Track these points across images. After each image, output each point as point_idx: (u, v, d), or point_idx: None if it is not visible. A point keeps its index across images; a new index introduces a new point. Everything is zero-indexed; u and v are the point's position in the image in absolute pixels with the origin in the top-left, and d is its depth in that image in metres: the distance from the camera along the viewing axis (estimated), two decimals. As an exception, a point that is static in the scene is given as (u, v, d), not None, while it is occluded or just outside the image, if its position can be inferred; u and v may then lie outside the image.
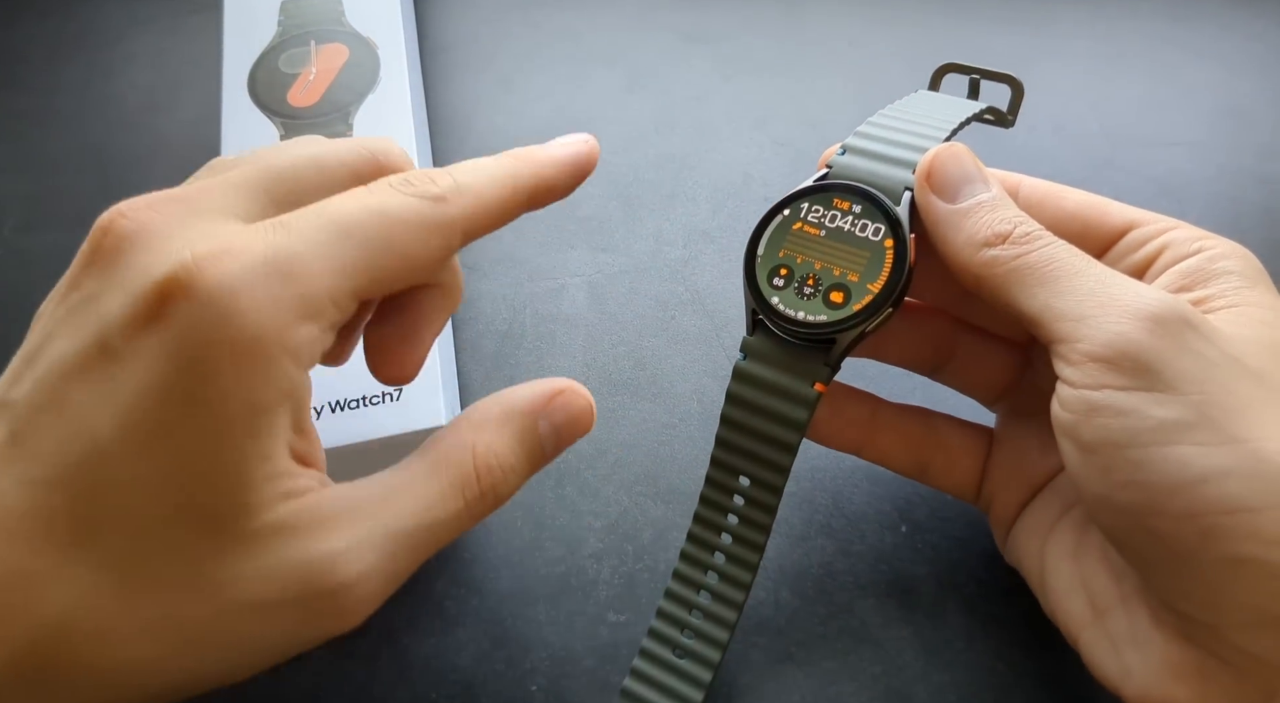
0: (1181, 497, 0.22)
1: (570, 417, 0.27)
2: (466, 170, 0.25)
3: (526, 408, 0.26)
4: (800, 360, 0.28)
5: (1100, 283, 0.24)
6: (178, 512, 0.21)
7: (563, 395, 0.27)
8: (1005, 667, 0.31)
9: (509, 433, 0.26)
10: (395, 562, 0.23)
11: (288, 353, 0.21)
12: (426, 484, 0.24)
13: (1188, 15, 0.49)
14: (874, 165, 0.28)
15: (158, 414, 0.20)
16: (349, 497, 0.23)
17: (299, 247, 0.22)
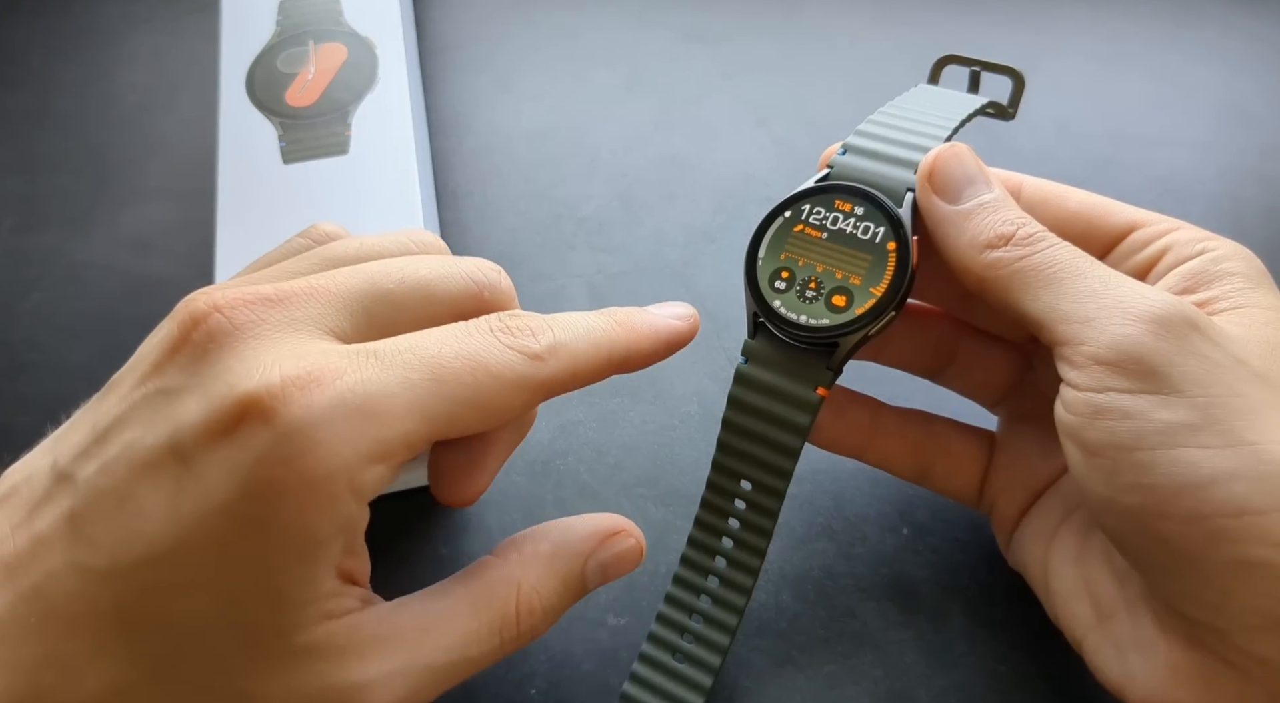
0: (1187, 499, 0.22)
1: (618, 558, 0.27)
2: (566, 328, 0.25)
3: (579, 550, 0.26)
4: (802, 364, 0.27)
5: (1104, 285, 0.24)
6: (220, 624, 0.21)
7: (615, 538, 0.27)
8: (1007, 669, 0.31)
9: (556, 574, 0.26)
10: (422, 694, 0.23)
11: (353, 491, 0.21)
12: (467, 620, 0.24)
13: (1190, 15, 0.49)
14: (875, 166, 0.28)
15: (217, 531, 0.20)
16: (388, 623, 0.23)
17: (387, 385, 0.21)
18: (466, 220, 0.43)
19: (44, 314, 0.41)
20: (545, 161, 0.45)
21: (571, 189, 0.44)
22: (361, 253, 0.26)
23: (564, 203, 0.43)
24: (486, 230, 0.43)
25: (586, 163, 0.45)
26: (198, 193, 0.43)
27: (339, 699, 0.22)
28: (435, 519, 0.35)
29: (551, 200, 0.43)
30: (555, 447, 0.36)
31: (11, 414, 0.38)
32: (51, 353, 0.40)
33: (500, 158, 0.45)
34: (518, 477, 0.36)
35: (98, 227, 0.43)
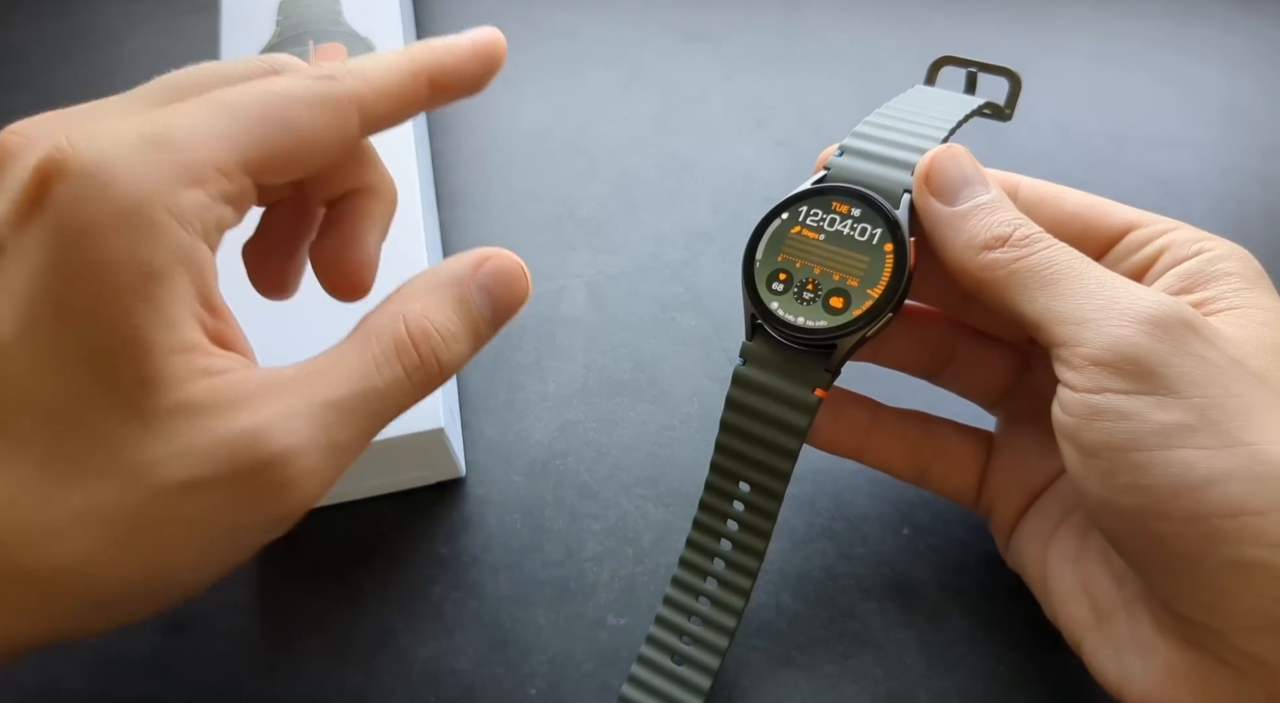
0: (1184, 500, 0.22)
1: (502, 281, 0.26)
2: (363, 57, 0.25)
3: (454, 277, 0.26)
4: (800, 366, 0.27)
5: (1100, 286, 0.24)
6: (88, 393, 0.20)
7: (490, 260, 0.26)
8: (1007, 670, 0.31)
9: (441, 301, 0.25)
10: (335, 431, 0.23)
11: (174, 216, 0.21)
12: (359, 356, 0.24)
13: (1191, 15, 0.49)
14: (872, 167, 0.28)
15: (49, 293, 0.20)
16: (275, 375, 0.23)
17: (178, 121, 0.22)
18: (466, 220, 0.43)
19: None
20: (545, 161, 0.45)
21: (571, 189, 0.44)
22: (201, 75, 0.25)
23: (564, 203, 0.43)
24: (486, 230, 0.43)
25: (586, 163, 0.45)
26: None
27: (240, 445, 0.21)
28: (434, 519, 0.35)
29: (551, 200, 0.43)
30: (555, 447, 0.36)
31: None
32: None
33: (500, 158, 0.45)
34: (517, 477, 0.36)
35: (98, 227, 0.43)
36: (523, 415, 0.37)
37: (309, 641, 0.32)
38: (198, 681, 0.31)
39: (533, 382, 0.38)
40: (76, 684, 0.31)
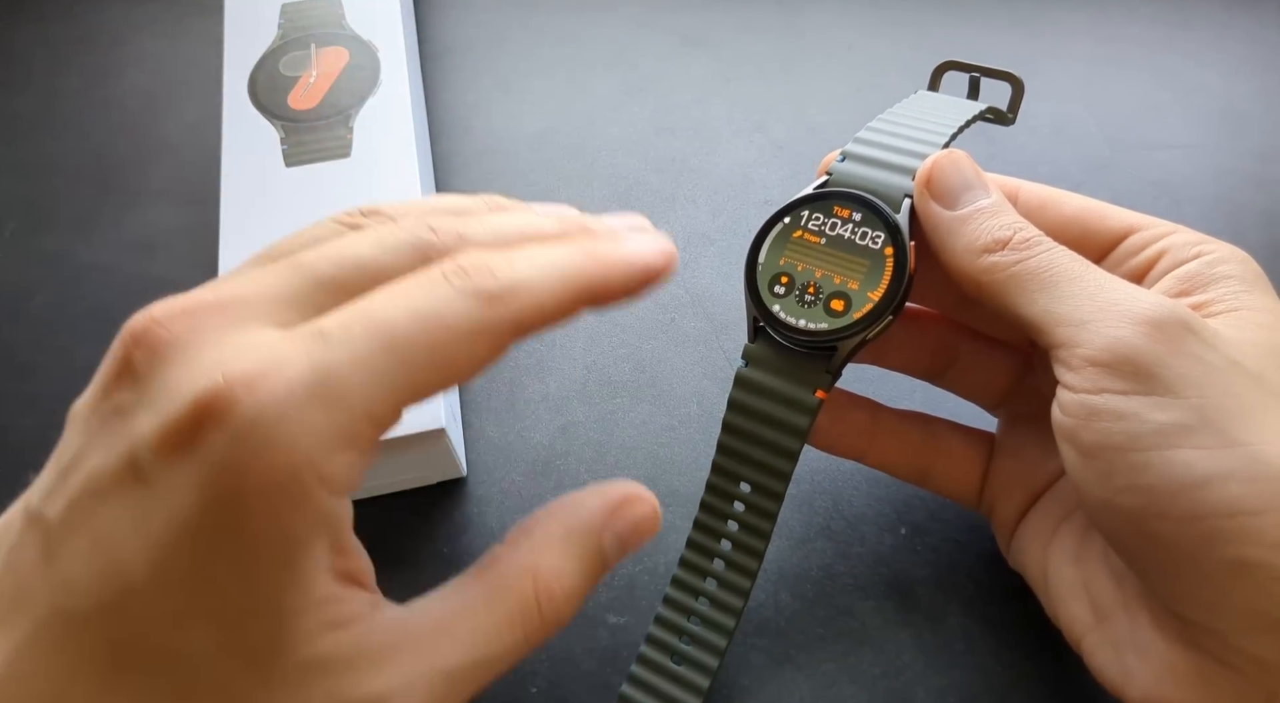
0: (1182, 500, 0.22)
1: (635, 528, 0.25)
2: (527, 262, 0.22)
3: (591, 525, 0.24)
4: (801, 368, 0.28)
5: (1099, 288, 0.24)
6: (218, 649, 0.20)
7: (627, 505, 0.25)
8: (1005, 668, 0.31)
9: (573, 554, 0.24)
10: (450, 695, 0.22)
11: (324, 484, 0.20)
12: (485, 616, 0.23)
13: (1187, 18, 0.49)
14: (874, 172, 0.28)
15: (191, 550, 0.19)
16: (401, 627, 0.22)
17: (339, 364, 0.20)
18: (468, 223, 0.43)
19: (48, 316, 0.41)
20: (546, 164, 0.45)
21: (571, 192, 0.44)
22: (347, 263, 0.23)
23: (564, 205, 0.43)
24: (487, 233, 0.43)
25: (587, 166, 0.45)
26: (201, 196, 0.43)
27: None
28: (436, 520, 0.35)
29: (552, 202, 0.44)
30: (555, 447, 0.37)
31: (16, 416, 0.39)
32: (55, 355, 0.40)
33: (501, 160, 0.45)
34: (518, 477, 0.36)
35: (101, 229, 0.44)
36: (523, 416, 0.37)
37: (312, 640, 0.32)
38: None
39: (533, 382, 0.38)
40: None
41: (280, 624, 0.20)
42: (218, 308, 0.21)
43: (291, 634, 0.20)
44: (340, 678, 0.21)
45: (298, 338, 0.20)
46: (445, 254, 0.23)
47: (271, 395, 0.19)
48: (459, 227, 0.23)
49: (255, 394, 0.19)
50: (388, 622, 0.22)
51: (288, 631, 0.20)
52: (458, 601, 0.23)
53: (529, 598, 0.23)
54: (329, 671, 0.21)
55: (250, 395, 0.19)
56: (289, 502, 0.19)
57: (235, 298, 0.22)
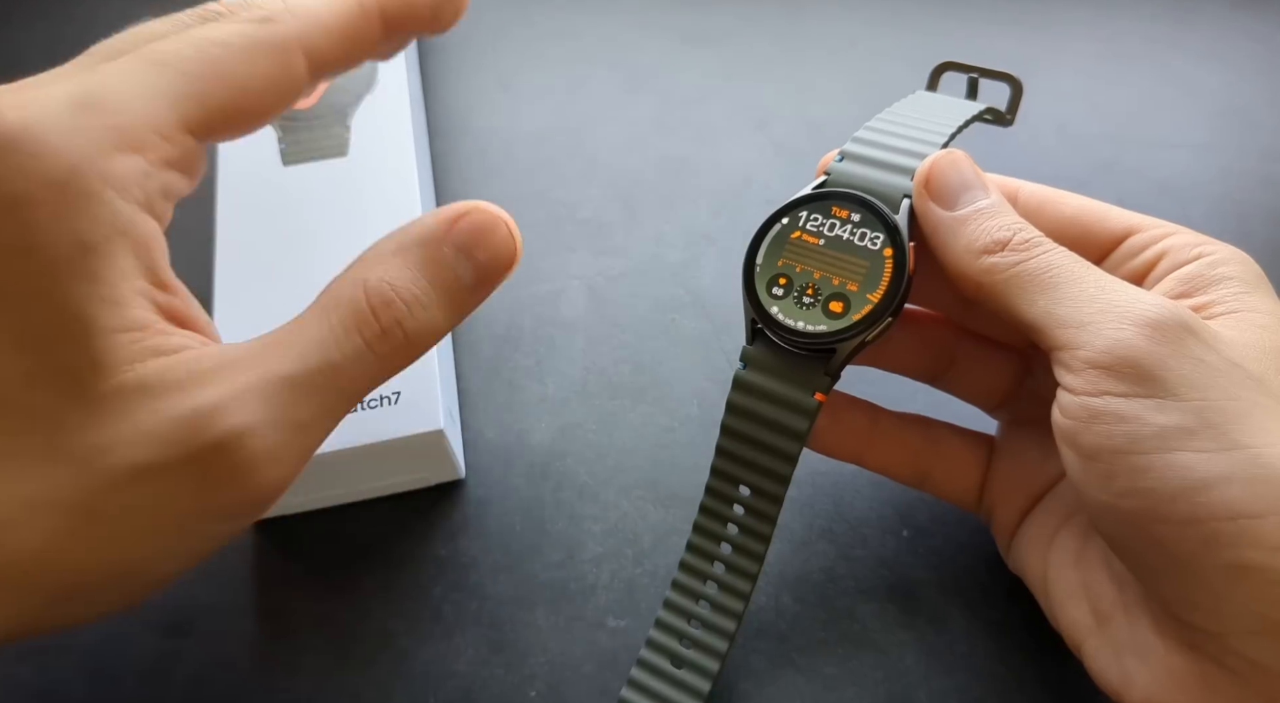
0: (1183, 503, 0.22)
1: (480, 236, 0.24)
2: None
3: (425, 236, 0.24)
4: (800, 370, 0.28)
5: (1100, 289, 0.24)
6: (31, 376, 0.19)
7: (467, 215, 0.24)
8: (1007, 671, 0.31)
9: (407, 264, 0.23)
10: (292, 409, 0.21)
11: (110, 186, 0.20)
12: (315, 327, 0.22)
13: (1190, 17, 0.49)
14: (872, 172, 0.28)
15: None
16: (229, 352, 0.21)
17: (109, 82, 0.20)
18: (466, 222, 0.43)
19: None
20: (545, 163, 0.45)
21: (571, 191, 0.44)
22: None
23: (564, 204, 0.43)
24: (486, 232, 0.43)
25: (586, 164, 0.45)
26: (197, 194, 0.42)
27: (189, 427, 0.20)
28: (434, 520, 0.35)
29: (551, 202, 0.44)
30: (555, 448, 0.36)
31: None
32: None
33: (500, 159, 0.45)
34: (517, 478, 0.36)
35: (99, 229, 0.43)
36: (522, 417, 0.37)
37: (309, 642, 0.32)
38: (198, 682, 0.31)
39: (532, 383, 0.38)
40: (76, 686, 0.31)
41: (90, 341, 0.19)
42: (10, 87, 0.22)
43: (106, 354, 0.20)
44: (165, 398, 0.20)
45: (72, 67, 0.21)
46: None
47: (35, 109, 0.19)
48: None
49: (18, 110, 0.19)
50: (217, 349, 0.21)
51: (100, 349, 0.20)
52: (290, 324, 0.23)
53: (360, 304, 0.22)
54: (155, 392, 0.20)
55: (14, 112, 0.19)
56: (72, 203, 0.19)
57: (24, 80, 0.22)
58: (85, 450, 0.19)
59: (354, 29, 0.24)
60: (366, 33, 0.24)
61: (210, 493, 0.21)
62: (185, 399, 0.20)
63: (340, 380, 0.22)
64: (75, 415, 0.20)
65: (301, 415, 0.22)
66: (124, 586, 0.21)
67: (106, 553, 0.20)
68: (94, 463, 0.19)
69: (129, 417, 0.20)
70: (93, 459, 0.19)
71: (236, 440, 0.20)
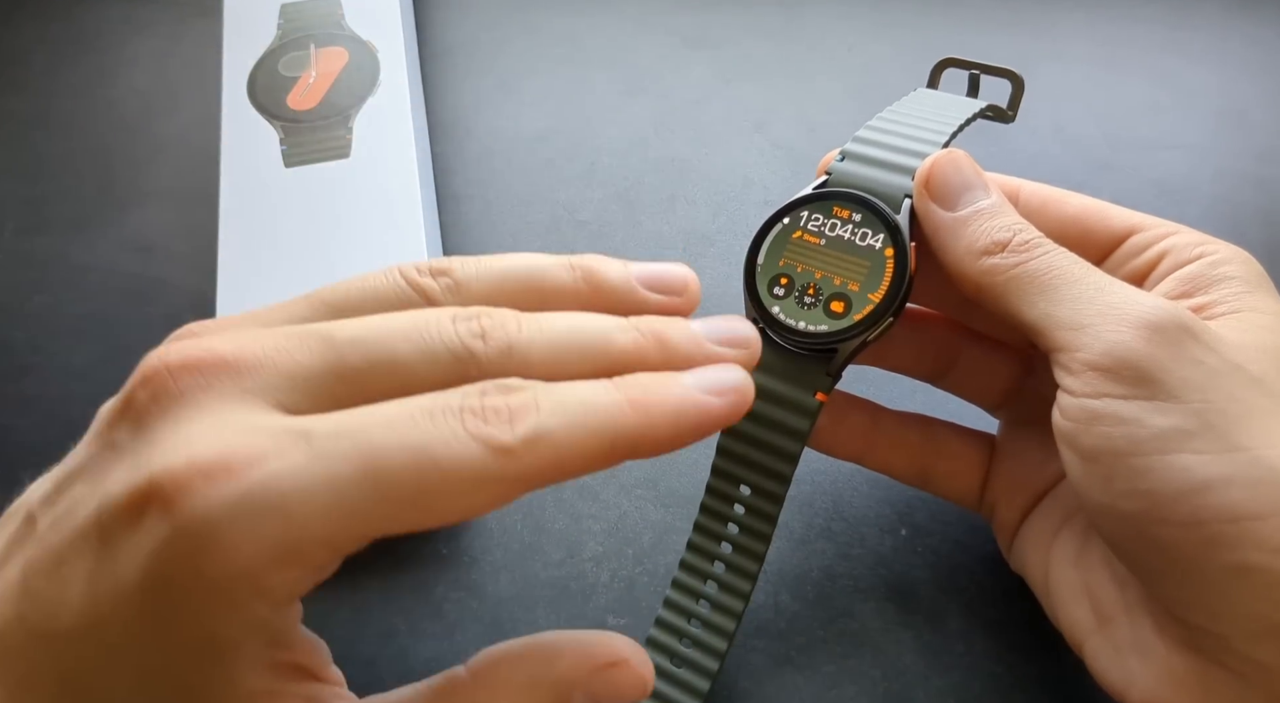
0: (1183, 505, 0.22)
1: (616, 694, 0.22)
2: (558, 409, 0.20)
3: (564, 678, 0.22)
4: (801, 370, 0.28)
5: (1099, 291, 0.24)
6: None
7: (614, 669, 0.22)
8: (1005, 670, 0.31)
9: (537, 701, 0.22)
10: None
11: (261, 596, 0.19)
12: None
13: (1187, 19, 0.49)
14: (873, 172, 0.28)
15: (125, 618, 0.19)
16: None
17: (307, 479, 0.18)
18: (467, 223, 0.43)
19: (46, 317, 0.41)
20: (546, 165, 0.45)
21: (572, 192, 0.44)
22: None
23: (564, 206, 0.44)
24: (487, 233, 0.43)
25: (587, 166, 0.45)
26: (200, 196, 0.43)
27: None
28: (436, 521, 0.35)
29: (552, 203, 0.44)
30: (555, 449, 0.36)
31: (14, 416, 0.38)
32: (54, 355, 0.40)
33: (501, 161, 0.45)
34: (518, 479, 0.36)
35: (100, 229, 0.44)
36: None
37: (311, 641, 0.32)
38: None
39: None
40: None
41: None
42: (231, 369, 0.20)
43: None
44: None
45: (281, 433, 0.19)
46: (483, 374, 0.21)
47: (224, 495, 0.18)
48: (512, 334, 0.21)
49: (209, 488, 0.18)
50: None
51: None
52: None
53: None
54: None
55: (205, 488, 0.18)
56: (219, 606, 0.19)
57: (252, 361, 0.20)
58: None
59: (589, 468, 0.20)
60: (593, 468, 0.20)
61: None
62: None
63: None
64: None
65: None
66: None
67: None
68: None
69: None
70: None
71: None
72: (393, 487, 0.19)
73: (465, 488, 0.19)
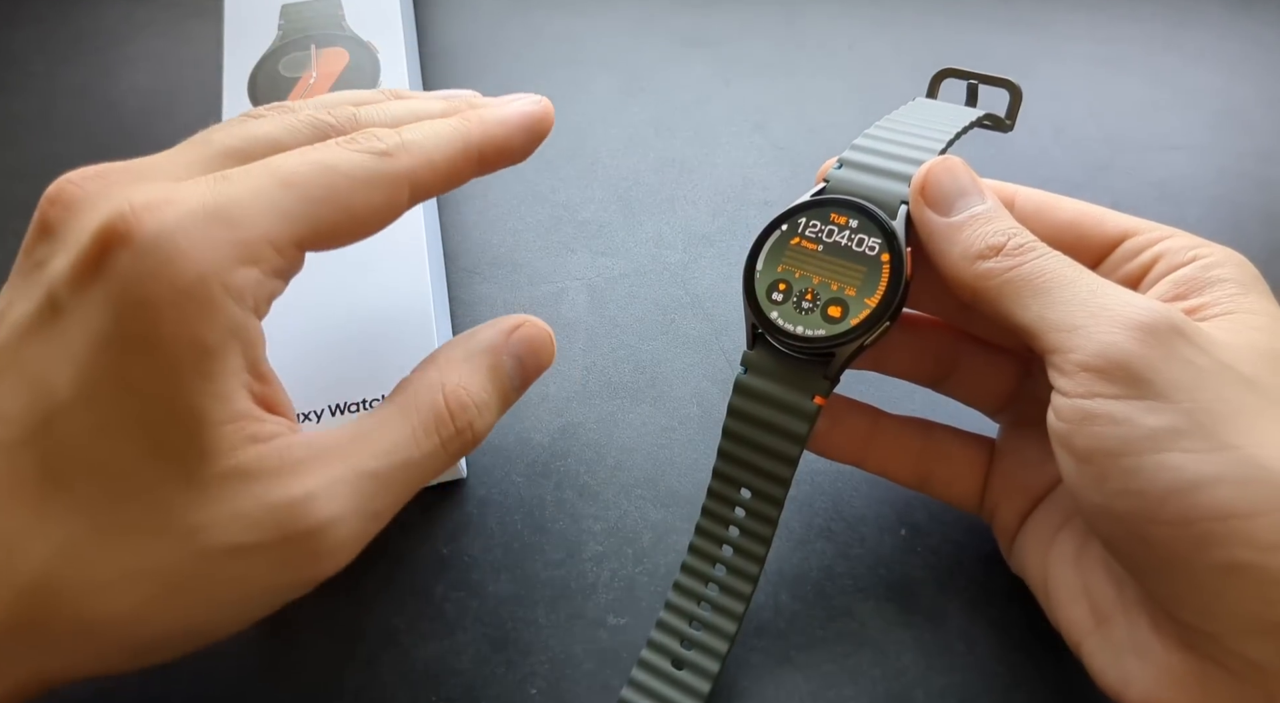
0: (1174, 504, 0.22)
1: (531, 348, 0.28)
2: (416, 129, 0.26)
3: (490, 345, 0.27)
4: (800, 374, 0.28)
5: (1092, 293, 0.24)
6: (143, 457, 0.21)
7: (522, 329, 0.28)
8: (1005, 670, 0.31)
9: (477, 370, 0.27)
10: (373, 501, 0.24)
11: (230, 294, 0.22)
12: (399, 426, 0.25)
13: (1187, 19, 0.49)
14: (870, 179, 0.28)
15: (108, 361, 0.21)
16: (320, 441, 0.24)
17: (238, 195, 0.22)
18: (467, 223, 0.43)
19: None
20: (545, 165, 0.45)
21: (571, 192, 0.44)
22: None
23: (564, 206, 0.44)
24: (487, 233, 0.43)
25: (586, 166, 0.45)
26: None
27: (288, 514, 0.22)
28: (435, 518, 0.35)
29: (551, 204, 0.44)
30: (555, 448, 0.37)
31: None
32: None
33: (501, 161, 0.45)
34: (518, 478, 0.36)
35: (102, 230, 0.44)
36: (523, 417, 0.37)
37: (311, 640, 0.32)
38: (199, 681, 0.31)
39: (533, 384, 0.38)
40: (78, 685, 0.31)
41: (201, 432, 0.22)
42: (128, 170, 0.24)
43: (213, 443, 0.22)
44: (266, 484, 0.22)
45: (199, 180, 0.23)
46: (341, 133, 0.26)
47: (172, 215, 0.21)
48: (355, 112, 0.27)
49: (156, 214, 0.21)
50: (307, 438, 0.24)
51: (209, 439, 0.22)
52: (373, 418, 0.25)
53: (439, 406, 0.26)
54: (254, 478, 0.22)
55: (153, 216, 0.21)
56: (197, 308, 0.21)
57: (146, 164, 0.24)
58: (186, 528, 0.22)
59: (456, 167, 0.26)
60: (465, 170, 0.27)
61: (292, 571, 0.23)
62: (281, 487, 0.22)
63: (415, 475, 0.25)
64: (181, 496, 0.22)
65: (379, 506, 0.24)
66: (197, 640, 0.24)
67: (189, 619, 0.23)
68: (193, 540, 0.22)
69: (229, 501, 0.22)
70: (192, 536, 0.22)
71: (324, 529, 0.23)
72: (306, 187, 0.23)
73: (363, 185, 0.24)
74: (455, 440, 0.26)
